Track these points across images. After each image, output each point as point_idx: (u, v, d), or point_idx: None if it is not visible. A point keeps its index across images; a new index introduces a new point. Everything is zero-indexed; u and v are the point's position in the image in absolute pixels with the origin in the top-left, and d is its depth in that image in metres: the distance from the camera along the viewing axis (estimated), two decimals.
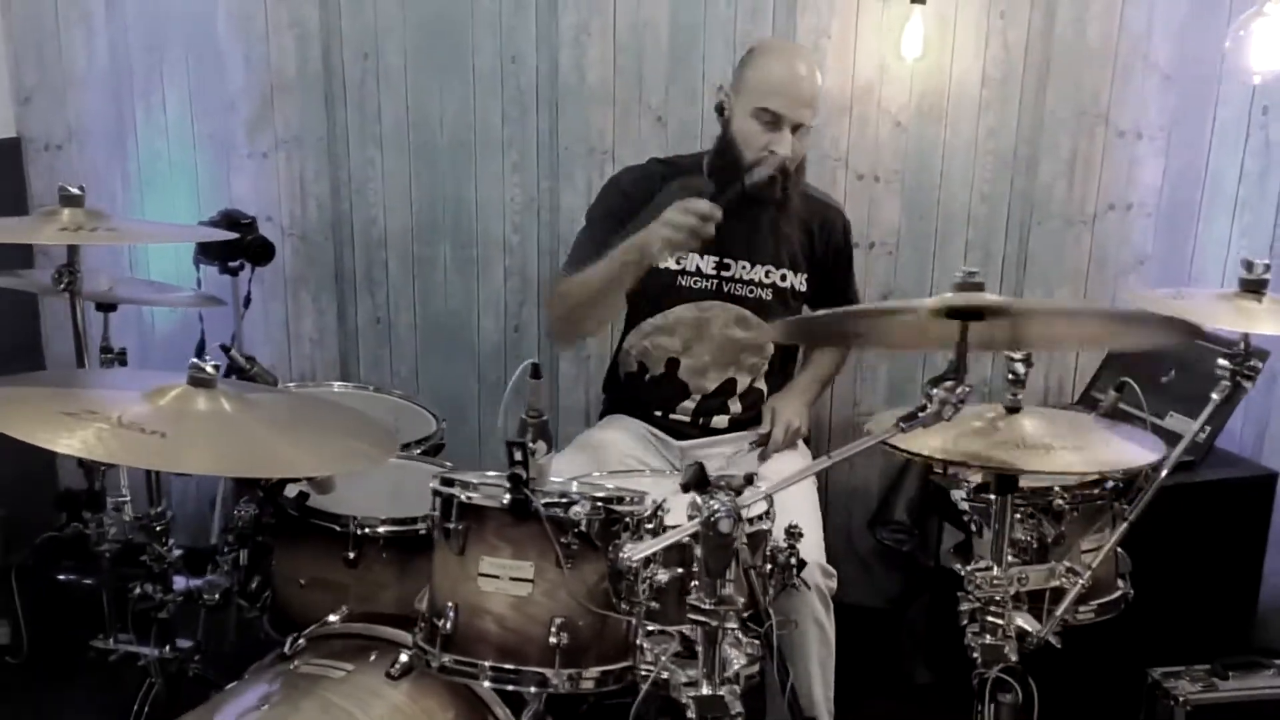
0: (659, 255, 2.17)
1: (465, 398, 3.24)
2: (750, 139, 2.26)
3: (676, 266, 2.39)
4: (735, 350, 2.43)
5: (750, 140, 2.26)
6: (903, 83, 2.89)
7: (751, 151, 2.25)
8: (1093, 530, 1.94)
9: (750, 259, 2.41)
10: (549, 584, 1.54)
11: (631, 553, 1.44)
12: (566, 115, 3.03)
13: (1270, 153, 2.77)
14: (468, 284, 3.19)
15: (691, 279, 2.41)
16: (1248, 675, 2.42)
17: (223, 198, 3.20)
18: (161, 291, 2.66)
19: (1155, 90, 2.81)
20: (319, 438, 1.71)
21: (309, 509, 2.01)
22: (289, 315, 3.29)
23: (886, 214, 2.96)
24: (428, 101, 3.09)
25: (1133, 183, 2.88)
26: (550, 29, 2.99)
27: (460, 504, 1.57)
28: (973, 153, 2.91)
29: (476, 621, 1.56)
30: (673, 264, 2.36)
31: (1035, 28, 2.82)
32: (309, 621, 1.96)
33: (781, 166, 2.24)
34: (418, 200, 3.16)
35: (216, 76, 3.14)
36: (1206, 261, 2.87)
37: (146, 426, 1.53)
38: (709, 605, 1.42)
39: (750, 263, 2.41)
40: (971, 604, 1.79)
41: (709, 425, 2.46)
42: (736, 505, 1.39)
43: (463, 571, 1.57)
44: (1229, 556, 2.54)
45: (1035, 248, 2.94)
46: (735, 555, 1.41)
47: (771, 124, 2.24)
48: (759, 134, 2.24)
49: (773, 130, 2.24)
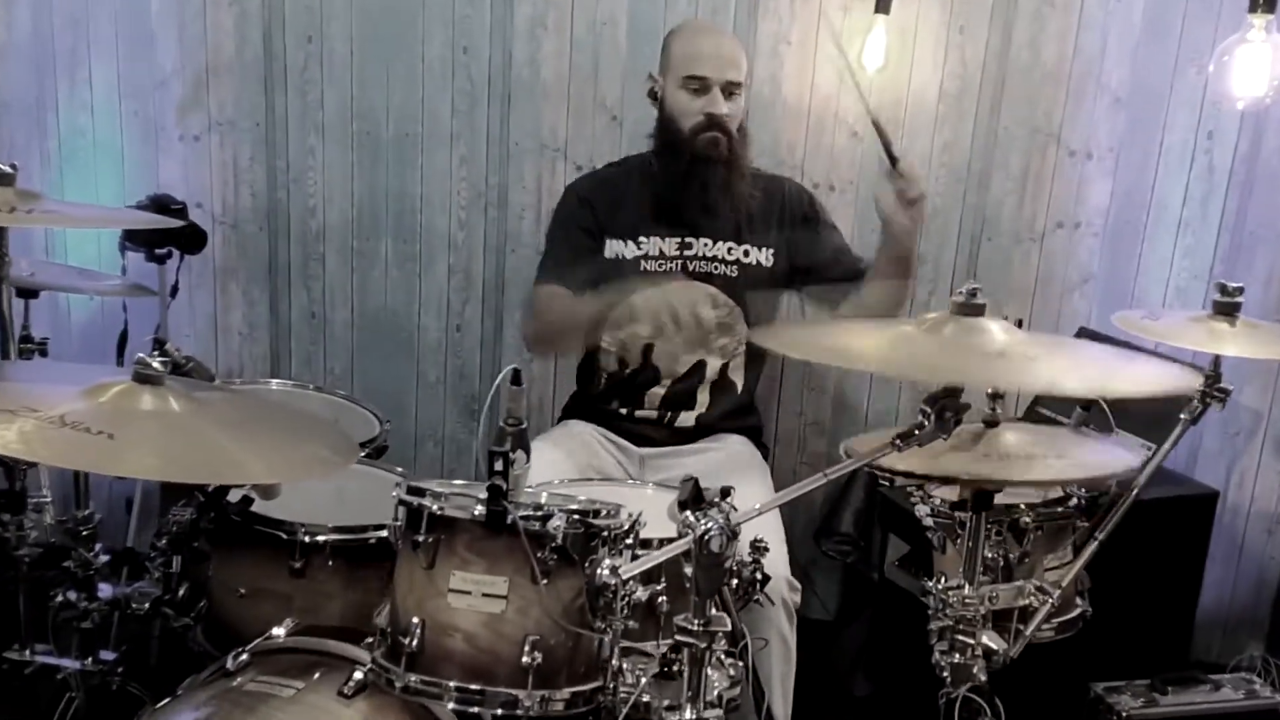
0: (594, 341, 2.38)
1: (403, 397, 3.14)
2: (684, 108, 2.33)
3: (639, 252, 2.41)
4: (705, 331, 2.41)
5: (684, 109, 2.33)
6: None
7: (688, 119, 2.33)
8: (1057, 548, 1.94)
9: (712, 236, 2.42)
10: (523, 601, 1.47)
11: (621, 569, 1.37)
12: (518, 110, 2.95)
13: (1214, 177, 2.84)
14: (409, 280, 3.09)
15: (655, 262, 2.41)
16: (1185, 690, 2.47)
17: (150, 181, 3.03)
18: (87, 278, 2.51)
19: (1106, 112, 2.86)
20: (275, 442, 1.62)
21: (253, 515, 1.90)
22: (217, 307, 3.14)
23: (840, 224, 2.92)
24: (373, 89, 2.98)
25: (1081, 202, 2.91)
26: (505, 20, 2.91)
27: (431, 515, 1.49)
28: (927, 166, 2.91)
29: (444, 639, 1.48)
30: (635, 250, 2.41)
31: (992, 46, 2.84)
32: (247, 634, 1.85)
33: (720, 124, 2.31)
34: (359, 192, 3.05)
35: (147, 53, 2.98)
36: (1149, 281, 2.93)
37: (92, 426, 1.42)
38: (697, 626, 1.36)
39: (712, 240, 2.42)
40: (942, 622, 1.77)
41: (674, 423, 2.41)
42: (730, 523, 1.34)
43: (431, 586, 1.49)
44: (1169, 573, 2.58)
45: (984, 263, 2.96)
46: (726, 574, 1.36)
47: (700, 89, 2.31)
48: (691, 101, 2.32)
49: (702, 95, 2.31)
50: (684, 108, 2.32)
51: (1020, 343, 1.42)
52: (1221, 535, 2.79)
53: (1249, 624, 3.05)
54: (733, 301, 2.42)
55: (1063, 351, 1.53)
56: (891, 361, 1.39)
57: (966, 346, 1.39)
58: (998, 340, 1.40)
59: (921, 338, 1.42)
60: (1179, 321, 1.76)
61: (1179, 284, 2.91)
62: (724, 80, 2.31)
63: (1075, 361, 1.49)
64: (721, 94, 2.31)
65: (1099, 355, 1.57)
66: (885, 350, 1.42)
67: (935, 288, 2.98)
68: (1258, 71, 1.88)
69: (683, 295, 2.40)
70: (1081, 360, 1.51)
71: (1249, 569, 3.03)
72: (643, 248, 2.41)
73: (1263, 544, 3.01)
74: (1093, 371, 1.42)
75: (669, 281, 2.40)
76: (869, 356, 1.42)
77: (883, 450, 1.40)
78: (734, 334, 2.44)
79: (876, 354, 1.42)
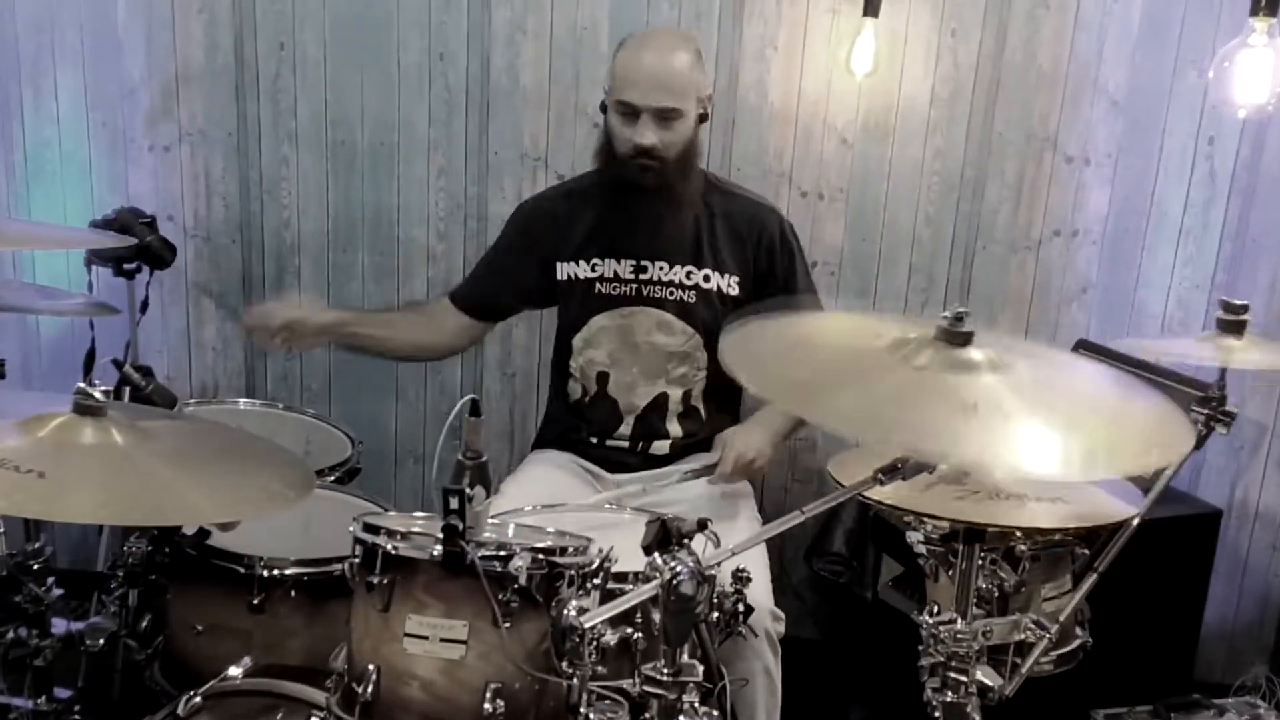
0: None
1: (382, 414, 3.05)
2: (617, 133, 2.21)
3: (593, 274, 2.31)
4: (662, 359, 2.29)
5: (617, 134, 2.21)
6: (850, 98, 2.79)
7: (621, 145, 2.20)
8: (1055, 577, 1.85)
9: (669, 260, 2.29)
10: (484, 645, 1.38)
11: (583, 617, 1.28)
12: (498, 118, 2.87)
13: (1215, 183, 2.75)
14: (387, 294, 2.99)
15: (610, 285, 2.30)
16: (1190, 716, 2.38)
17: (119, 193, 2.95)
18: (50, 297, 2.42)
19: (1104, 116, 2.76)
20: (224, 476, 1.52)
21: (208, 548, 1.81)
22: (190, 323, 3.05)
23: (830, 234, 2.86)
24: (348, 98, 2.89)
25: (1079, 209, 2.82)
26: (483, 26, 2.82)
27: (386, 554, 1.40)
28: (919, 174, 2.82)
29: (401, 687, 1.39)
30: (589, 271, 2.31)
31: (986, 49, 2.74)
32: (205, 671, 1.77)
33: (648, 153, 2.16)
34: (334, 203, 2.96)
35: (114, 62, 2.90)
36: (1150, 291, 2.84)
37: (21, 464, 1.33)
38: (667, 676, 1.27)
39: (668, 264, 2.29)
40: (934, 658, 1.68)
41: (649, 452, 2.31)
42: (700, 565, 1.25)
43: (386, 630, 1.40)
44: (1172, 593, 2.49)
45: (979, 273, 2.87)
46: (698, 619, 1.27)
47: (629, 115, 2.17)
48: (621, 127, 2.19)
49: (632, 122, 2.17)
50: (617, 132, 2.19)
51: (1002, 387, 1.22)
52: (1225, 551, 2.70)
53: (1253, 642, 2.96)
54: (691, 328, 2.29)
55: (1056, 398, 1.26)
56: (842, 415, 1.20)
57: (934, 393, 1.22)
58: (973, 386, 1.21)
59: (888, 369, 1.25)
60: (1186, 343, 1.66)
61: (1180, 294, 2.82)
62: (655, 107, 2.12)
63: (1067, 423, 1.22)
64: (654, 120, 2.13)
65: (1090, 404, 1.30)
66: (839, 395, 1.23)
67: (928, 298, 2.89)
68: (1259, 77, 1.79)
69: (640, 322, 2.29)
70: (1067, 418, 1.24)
71: (1253, 586, 2.94)
72: (597, 269, 2.30)
73: (1267, 560, 2.92)
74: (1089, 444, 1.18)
75: (625, 306, 2.29)
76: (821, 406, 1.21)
77: (864, 484, 1.31)
78: (692, 362, 2.32)
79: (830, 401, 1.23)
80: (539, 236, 2.35)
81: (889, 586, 2.77)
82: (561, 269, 2.32)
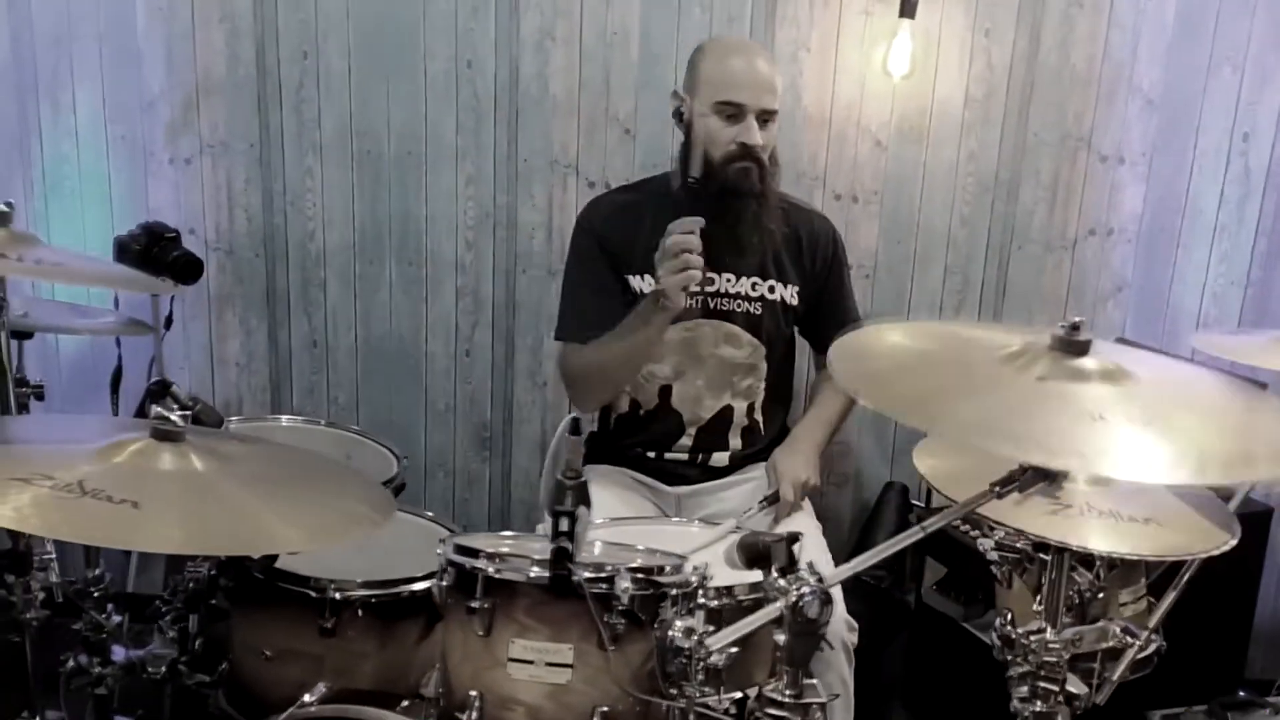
0: (677, 298, 2.04)
1: (411, 427, 3.00)
2: (715, 135, 2.16)
3: None
4: (728, 372, 2.27)
5: (715, 137, 2.15)
6: (884, 100, 2.77)
7: (719, 148, 2.15)
8: (1131, 583, 1.84)
9: (736, 271, 2.26)
10: (590, 669, 1.35)
11: (710, 640, 1.25)
12: (527, 126, 2.83)
13: (1250, 179, 2.76)
14: (415, 305, 2.95)
15: None
16: (1244, 715, 2.38)
17: (139, 207, 2.89)
18: (82, 315, 2.36)
19: (1138, 115, 2.76)
20: (309, 502, 1.49)
21: (277, 571, 1.77)
22: (213, 338, 3.00)
23: (864, 236, 2.84)
24: (373, 107, 2.85)
25: (1114, 208, 2.82)
26: (511, 33, 2.78)
27: (487, 579, 1.37)
28: (953, 175, 2.81)
29: (505, 714, 1.37)
30: (653, 284, 2.21)
31: (1020, 49, 2.74)
32: (274, 697, 1.74)
33: (754, 155, 2.15)
34: (361, 214, 2.91)
35: (133, 75, 2.84)
36: (1185, 288, 2.84)
37: (114, 494, 1.29)
38: (788, 697, 1.25)
39: (735, 275, 2.27)
40: (1021, 668, 1.66)
41: (708, 463, 2.28)
42: (825, 587, 1.22)
43: (488, 655, 1.37)
44: (1226, 592, 2.48)
45: (1015, 273, 2.87)
46: (820, 640, 1.24)
47: (734, 116, 2.14)
48: (723, 128, 2.15)
49: (736, 122, 2.14)
50: (714, 135, 2.14)
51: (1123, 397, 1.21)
52: (1274, 549, 2.69)
53: None
54: (756, 340, 2.28)
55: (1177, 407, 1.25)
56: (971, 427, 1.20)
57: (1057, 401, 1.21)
58: (1094, 397, 1.20)
59: (1009, 379, 1.25)
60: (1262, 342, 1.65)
61: (1216, 290, 2.82)
62: (759, 108, 2.13)
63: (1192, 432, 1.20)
64: (756, 122, 2.13)
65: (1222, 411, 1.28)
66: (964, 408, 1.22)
67: (963, 300, 2.88)
68: None
69: (706, 335, 2.26)
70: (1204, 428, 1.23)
71: None
72: None
73: None
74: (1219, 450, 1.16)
75: (690, 319, 2.25)
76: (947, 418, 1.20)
77: (982, 498, 1.29)
78: (756, 374, 2.30)
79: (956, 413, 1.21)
80: (613, 247, 2.27)
81: (933, 590, 2.77)
82: (631, 282, 2.26)
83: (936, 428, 1.20)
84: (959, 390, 1.26)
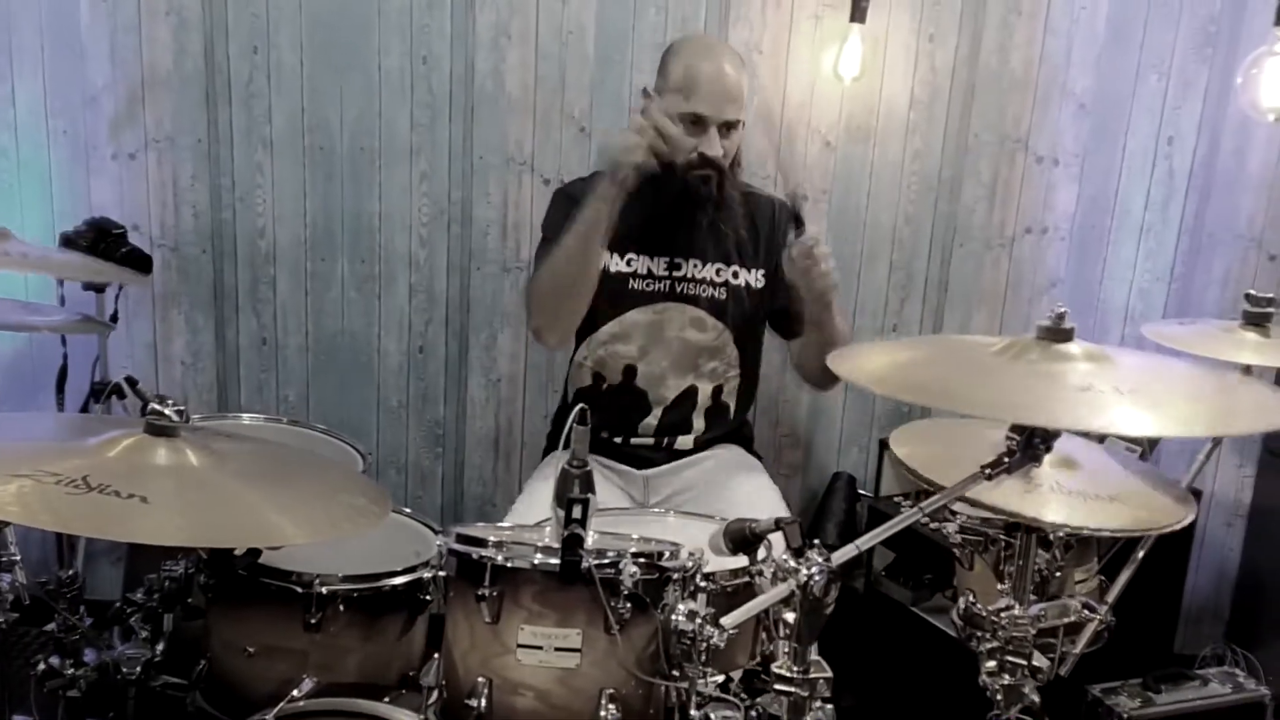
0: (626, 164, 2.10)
1: (363, 424, 2.99)
2: (678, 143, 2.18)
3: (627, 269, 2.31)
4: (693, 354, 2.33)
5: (678, 145, 2.18)
6: (833, 102, 2.86)
7: (681, 155, 2.18)
8: (1085, 562, 1.94)
9: (701, 257, 2.32)
10: (598, 653, 1.39)
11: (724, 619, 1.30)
12: (482, 123, 2.84)
13: (1174, 181, 2.91)
14: (368, 302, 2.94)
15: (643, 281, 2.31)
16: (1177, 687, 2.51)
17: (82, 203, 2.83)
18: (33, 313, 2.30)
19: (1071, 119, 2.90)
20: (305, 495, 1.49)
21: (260, 567, 1.76)
22: (157, 336, 2.94)
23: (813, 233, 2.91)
24: (326, 102, 2.83)
25: (1049, 207, 2.95)
26: (466, 30, 2.79)
27: (495, 566, 1.39)
28: (899, 174, 2.91)
29: (514, 699, 1.39)
30: (623, 266, 2.30)
31: (962, 54, 2.85)
32: (257, 694, 1.73)
33: (713, 164, 2.19)
34: (312, 210, 2.89)
35: (76, 68, 2.77)
36: (1114, 284, 2.99)
37: (121, 489, 1.29)
38: (797, 674, 1.30)
39: (701, 261, 2.33)
40: (990, 644, 1.74)
41: (673, 447, 2.34)
42: (832, 565, 1.28)
43: (496, 642, 1.40)
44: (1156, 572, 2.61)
45: (956, 270, 2.98)
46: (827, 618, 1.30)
47: (697, 126, 2.18)
48: (684, 137, 2.18)
49: (699, 132, 2.18)
50: (676, 142, 2.16)
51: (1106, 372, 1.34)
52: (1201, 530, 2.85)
53: (1210, 615, 3.13)
54: (721, 324, 2.34)
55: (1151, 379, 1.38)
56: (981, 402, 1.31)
57: (1050, 378, 1.33)
58: (1082, 372, 1.33)
59: (1004, 366, 1.37)
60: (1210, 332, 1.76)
61: (1142, 286, 2.97)
62: (722, 119, 2.18)
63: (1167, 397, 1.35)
64: (719, 132, 2.18)
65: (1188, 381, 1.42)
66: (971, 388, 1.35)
67: (908, 294, 2.99)
68: None
69: (673, 318, 2.32)
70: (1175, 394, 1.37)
71: (1210, 561, 3.11)
72: (631, 265, 2.31)
73: (1223, 537, 3.10)
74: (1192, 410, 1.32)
75: (658, 303, 2.31)
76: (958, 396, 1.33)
77: (973, 479, 1.36)
78: (723, 357, 2.36)
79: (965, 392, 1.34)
80: None
81: (882, 575, 2.86)
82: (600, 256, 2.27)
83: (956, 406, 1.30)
84: (964, 377, 1.38)
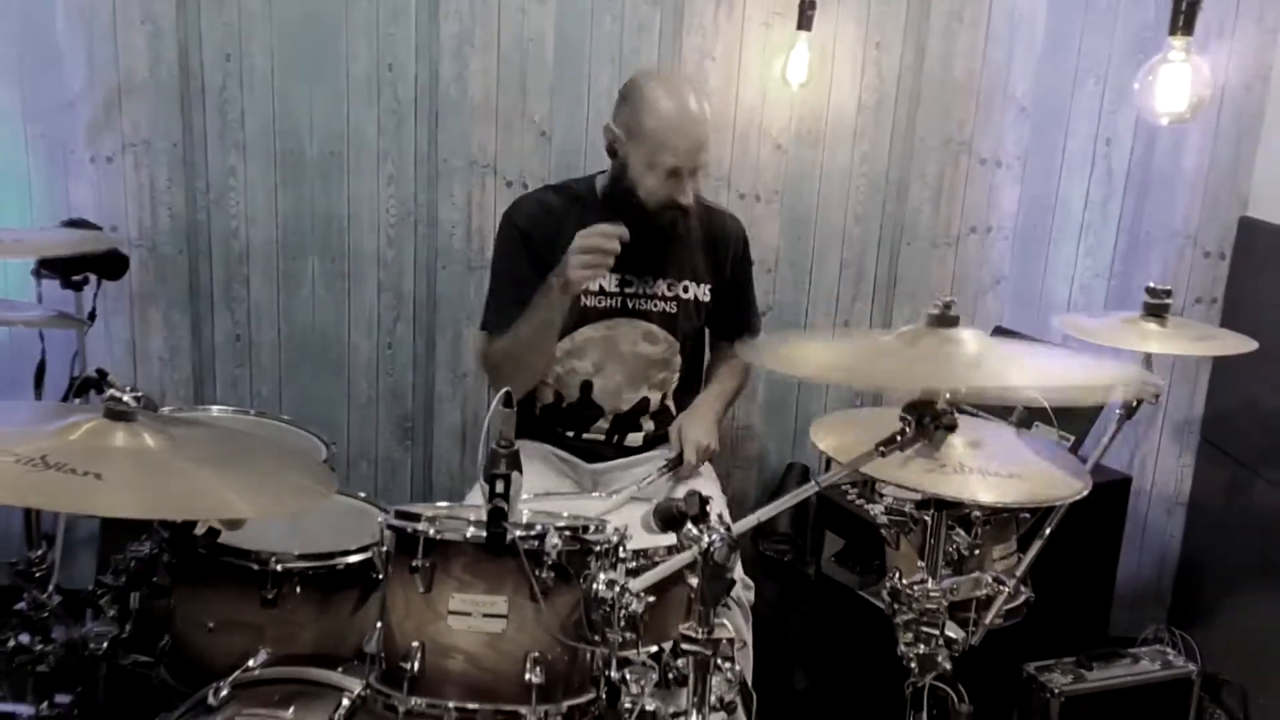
0: (578, 285, 2.20)
1: (334, 418, 3.10)
2: (653, 190, 2.26)
3: None
4: (644, 367, 2.43)
5: (653, 191, 2.26)
6: (783, 107, 2.97)
7: (652, 196, 2.26)
8: (1003, 539, 2.05)
9: (654, 274, 2.42)
10: (523, 619, 1.49)
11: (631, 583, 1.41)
12: (446, 127, 2.96)
13: (1111, 181, 3.03)
14: (338, 300, 3.05)
15: (596, 298, 2.40)
16: (1109, 665, 2.63)
17: (59, 206, 2.93)
18: (9, 309, 2.41)
19: (1013, 122, 3.01)
20: (256, 475, 1.60)
21: (219, 546, 1.87)
22: (135, 333, 3.05)
23: (766, 233, 3.04)
24: (296, 108, 2.94)
25: (992, 207, 3.07)
26: (431, 38, 2.90)
27: (427, 539, 1.50)
28: (848, 176, 3.02)
29: (446, 661, 1.49)
30: None
31: (907, 61, 2.96)
32: (218, 667, 1.83)
33: (682, 208, 2.29)
34: (284, 211, 3.00)
35: (53, 74, 2.88)
36: (1056, 281, 3.10)
37: (77, 467, 1.39)
38: (702, 635, 1.41)
39: (653, 277, 2.42)
40: (906, 616, 1.85)
41: (623, 444, 2.45)
42: (732, 534, 1.39)
43: (429, 610, 1.50)
44: (1088, 555, 2.73)
45: (904, 267, 3.09)
46: (730, 584, 1.41)
47: (673, 174, 2.24)
48: (660, 186, 2.25)
49: (675, 181, 2.25)
50: (649, 187, 2.25)
51: (991, 351, 1.50)
52: (1128, 517, 2.96)
53: (1152, 599, 3.25)
54: (672, 337, 2.44)
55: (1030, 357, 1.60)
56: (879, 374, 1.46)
57: (945, 356, 1.47)
58: (971, 349, 1.48)
59: (901, 350, 1.50)
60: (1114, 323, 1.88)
61: (1083, 282, 3.09)
62: (694, 166, 2.26)
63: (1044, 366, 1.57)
64: (689, 176, 2.26)
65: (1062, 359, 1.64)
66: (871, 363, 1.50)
67: (858, 291, 3.10)
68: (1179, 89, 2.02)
69: (625, 334, 2.41)
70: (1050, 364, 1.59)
71: (1152, 547, 3.23)
72: None
73: (1164, 524, 3.22)
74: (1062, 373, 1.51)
75: (610, 319, 2.40)
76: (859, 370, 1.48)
77: (867, 456, 1.47)
78: (670, 367, 2.47)
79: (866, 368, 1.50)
80: (537, 243, 2.35)
81: (831, 561, 2.97)
82: None
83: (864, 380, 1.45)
84: (871, 359, 1.56)
